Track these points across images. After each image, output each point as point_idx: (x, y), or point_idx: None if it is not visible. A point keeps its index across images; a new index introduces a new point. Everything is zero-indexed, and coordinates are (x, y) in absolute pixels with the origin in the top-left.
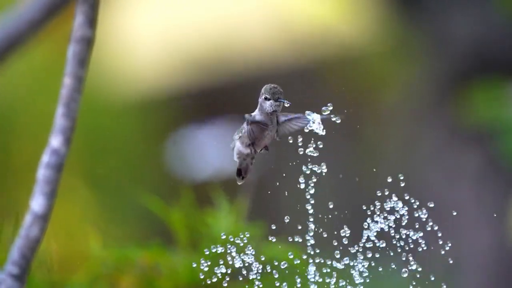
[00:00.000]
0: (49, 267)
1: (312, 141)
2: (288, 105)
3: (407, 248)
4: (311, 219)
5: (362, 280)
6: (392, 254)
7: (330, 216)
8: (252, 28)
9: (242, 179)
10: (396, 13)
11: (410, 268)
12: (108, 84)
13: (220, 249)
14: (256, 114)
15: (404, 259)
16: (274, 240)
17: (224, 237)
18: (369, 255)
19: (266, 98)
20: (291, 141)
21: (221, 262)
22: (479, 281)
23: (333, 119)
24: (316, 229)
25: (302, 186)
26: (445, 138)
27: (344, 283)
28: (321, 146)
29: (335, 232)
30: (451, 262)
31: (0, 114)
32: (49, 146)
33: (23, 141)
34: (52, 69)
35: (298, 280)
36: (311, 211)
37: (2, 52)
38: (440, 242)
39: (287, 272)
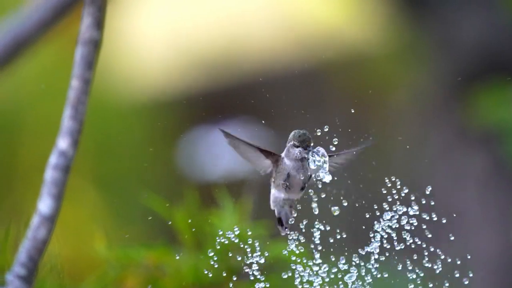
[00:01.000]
0: (60, 272)
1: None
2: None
3: (412, 250)
4: (316, 219)
5: (367, 281)
6: (397, 255)
7: (335, 216)
8: (259, 29)
9: (285, 229)
10: (403, 14)
11: (415, 270)
12: (116, 86)
13: (224, 249)
14: (284, 157)
15: (409, 261)
16: (278, 239)
17: (229, 236)
18: (375, 257)
19: (294, 145)
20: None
21: (226, 262)
22: (484, 283)
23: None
24: (320, 229)
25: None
26: (451, 140)
27: (349, 283)
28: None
29: (340, 232)
30: (456, 263)
31: (8, 116)
32: (56, 147)
33: (31, 142)
34: (60, 71)
35: (302, 280)
36: (315, 211)
37: (10, 54)
38: (446, 244)
39: (291, 271)
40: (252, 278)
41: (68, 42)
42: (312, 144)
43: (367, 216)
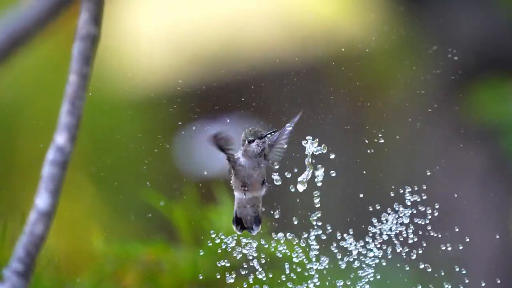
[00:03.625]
0: (57, 266)
1: (316, 140)
2: (277, 132)
3: (412, 246)
4: (315, 217)
5: (367, 278)
6: (397, 252)
7: (334, 213)
8: (257, 25)
9: (241, 230)
10: (400, 11)
11: (415, 266)
12: (114, 81)
13: (223, 246)
14: (240, 157)
15: (408, 257)
16: (277, 236)
17: (226, 233)
18: (375, 253)
19: (250, 141)
20: (297, 139)
21: (224, 258)
22: (484, 279)
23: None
24: (320, 226)
25: (303, 187)
26: (450, 136)
27: (349, 280)
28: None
29: (340, 229)
30: (456, 260)
31: (5, 112)
32: (54, 143)
33: (28, 138)
34: (57, 66)
35: (301, 276)
36: (315, 210)
37: (7, 50)
38: (445, 240)
39: (290, 268)
40: (249, 274)
41: (65, 38)
42: (264, 132)
43: (366, 212)
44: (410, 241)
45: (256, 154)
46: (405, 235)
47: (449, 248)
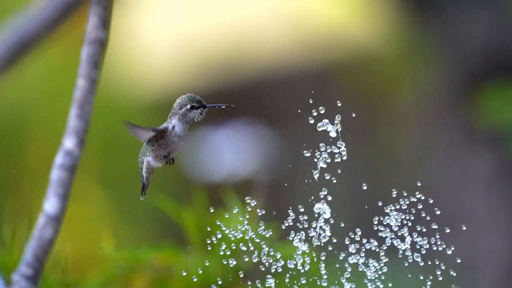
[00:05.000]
0: (63, 268)
1: (326, 145)
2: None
3: (419, 250)
4: (323, 220)
5: (374, 283)
6: (404, 256)
7: (344, 216)
8: (266, 30)
9: (144, 195)
10: (410, 16)
11: (422, 269)
12: (122, 85)
13: (232, 250)
14: (175, 125)
15: (415, 261)
16: (287, 240)
17: (237, 237)
18: (382, 257)
19: (193, 107)
20: (306, 144)
21: (234, 263)
22: (491, 283)
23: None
24: (329, 230)
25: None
26: (458, 141)
27: (356, 283)
28: (338, 150)
29: (349, 233)
30: (463, 264)
31: (14, 116)
32: (62, 147)
33: (37, 142)
34: (66, 71)
35: (311, 281)
36: (325, 212)
37: (16, 54)
38: (452, 244)
39: (299, 272)
40: (259, 279)
41: (73, 43)
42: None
43: (374, 216)
44: (417, 245)
45: (187, 124)
46: (412, 239)
47: (457, 252)
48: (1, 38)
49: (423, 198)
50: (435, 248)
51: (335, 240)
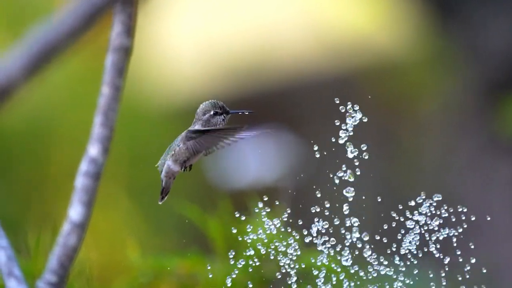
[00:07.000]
0: (88, 277)
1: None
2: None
3: (441, 256)
4: (346, 227)
5: None
6: (425, 263)
7: (364, 222)
8: (290, 36)
9: (163, 199)
10: (433, 23)
11: (443, 277)
12: (147, 93)
13: (257, 257)
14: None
15: (437, 269)
16: (312, 248)
17: (262, 242)
18: (405, 264)
19: (216, 113)
20: (333, 149)
21: (259, 270)
22: None
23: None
24: (353, 238)
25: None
26: (481, 148)
27: None
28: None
29: (372, 240)
30: (484, 271)
31: (39, 124)
32: (87, 155)
33: (61, 150)
34: (90, 78)
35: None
36: (348, 221)
37: (40, 62)
38: (475, 251)
39: (323, 280)
40: (285, 286)
41: (98, 51)
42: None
43: (397, 223)
44: (439, 252)
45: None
46: (433, 245)
47: (478, 260)
48: (25, 46)
49: (446, 208)
50: (459, 253)
51: (359, 245)
